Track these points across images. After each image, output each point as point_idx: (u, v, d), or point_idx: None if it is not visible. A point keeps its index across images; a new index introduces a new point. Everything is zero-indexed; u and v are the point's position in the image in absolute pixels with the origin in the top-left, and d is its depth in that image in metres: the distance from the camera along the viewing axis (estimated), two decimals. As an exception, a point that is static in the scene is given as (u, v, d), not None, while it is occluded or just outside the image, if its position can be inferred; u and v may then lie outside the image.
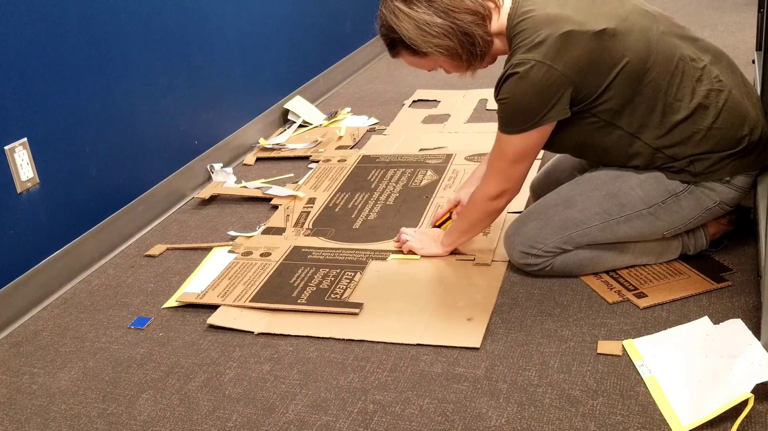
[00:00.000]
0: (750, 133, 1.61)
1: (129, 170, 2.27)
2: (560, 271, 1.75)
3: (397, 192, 2.30)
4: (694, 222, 1.68)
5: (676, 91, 1.59)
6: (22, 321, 1.88)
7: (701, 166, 1.61)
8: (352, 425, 1.39)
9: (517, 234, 1.76)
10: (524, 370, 1.48)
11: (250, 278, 1.90)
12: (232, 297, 1.82)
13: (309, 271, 1.91)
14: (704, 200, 1.64)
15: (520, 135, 1.61)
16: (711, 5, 4.02)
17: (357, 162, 2.55)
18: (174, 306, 1.86)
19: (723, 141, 1.60)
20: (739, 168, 1.62)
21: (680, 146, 1.60)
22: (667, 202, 1.65)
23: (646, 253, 1.75)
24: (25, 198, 1.91)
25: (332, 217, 2.20)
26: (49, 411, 1.54)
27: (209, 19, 2.63)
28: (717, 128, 1.59)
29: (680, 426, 1.29)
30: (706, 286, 1.67)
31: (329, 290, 1.81)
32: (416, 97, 3.22)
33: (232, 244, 2.10)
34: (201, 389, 1.55)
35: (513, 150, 1.64)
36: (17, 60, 1.86)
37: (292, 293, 1.82)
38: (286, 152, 2.75)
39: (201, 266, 2.02)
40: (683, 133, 1.59)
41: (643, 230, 1.69)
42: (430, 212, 2.14)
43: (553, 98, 1.56)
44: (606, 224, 1.68)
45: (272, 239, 2.10)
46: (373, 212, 2.19)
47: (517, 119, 1.60)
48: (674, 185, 1.63)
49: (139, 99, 2.29)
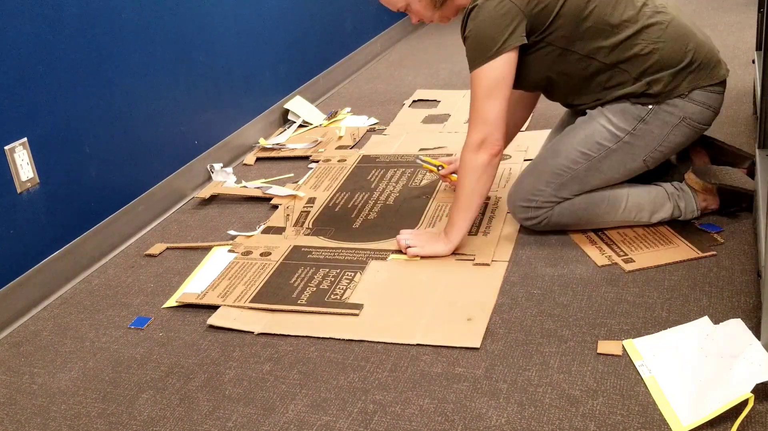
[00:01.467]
0: (695, 49, 1.77)
1: (129, 170, 2.27)
2: (558, 223, 1.89)
3: (397, 192, 2.30)
4: (669, 143, 1.82)
5: (622, 14, 1.76)
6: (22, 321, 1.88)
7: (658, 86, 1.77)
8: (352, 425, 1.40)
9: (516, 191, 1.92)
10: (524, 370, 1.48)
11: (250, 279, 1.90)
12: (233, 298, 1.82)
13: (309, 271, 1.91)
14: (669, 118, 1.79)
15: (486, 66, 1.74)
16: (711, 5, 4.02)
17: (357, 162, 2.55)
18: (174, 306, 1.86)
19: (669, 55, 1.76)
20: (694, 82, 1.77)
21: (631, 62, 1.77)
22: (637, 128, 1.80)
23: (638, 208, 1.87)
24: (25, 198, 1.91)
25: (332, 216, 2.20)
26: (49, 411, 1.54)
27: (209, 19, 2.63)
28: (662, 42, 1.76)
29: (680, 426, 1.29)
30: (692, 254, 1.78)
31: (329, 291, 1.81)
32: (416, 97, 3.22)
33: (232, 243, 2.10)
34: (201, 389, 1.55)
35: (483, 85, 1.76)
36: (17, 60, 1.86)
37: (293, 293, 1.82)
38: (286, 151, 2.75)
39: (201, 265, 2.02)
40: (631, 48, 1.76)
41: (626, 162, 1.84)
42: (430, 212, 2.14)
43: (509, 26, 1.73)
44: (590, 164, 1.83)
45: (272, 238, 2.10)
46: (373, 212, 2.19)
47: (481, 49, 1.75)
48: (638, 110, 1.79)
49: (139, 99, 2.30)
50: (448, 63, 3.72)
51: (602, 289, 1.71)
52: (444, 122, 2.88)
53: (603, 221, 1.90)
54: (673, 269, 1.74)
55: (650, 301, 1.64)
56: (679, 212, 1.89)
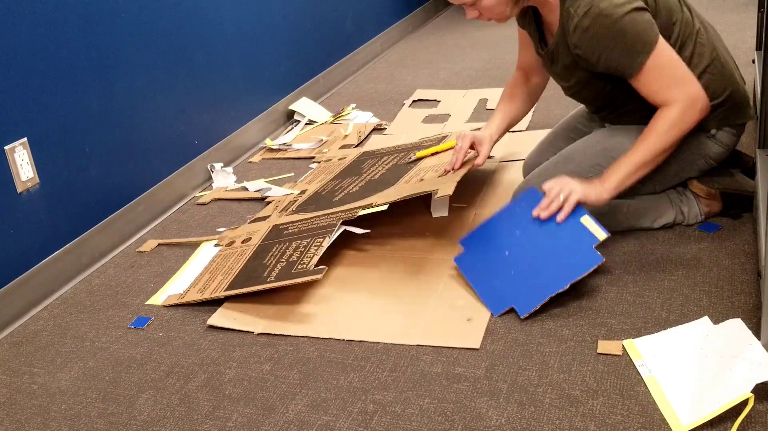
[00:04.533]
0: (733, 88, 1.78)
1: (129, 170, 2.27)
2: None
3: (385, 170, 2.25)
4: (682, 175, 1.84)
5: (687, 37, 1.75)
6: (22, 321, 1.88)
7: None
8: (352, 425, 1.40)
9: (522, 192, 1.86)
10: (524, 370, 1.48)
11: (229, 267, 1.89)
12: (210, 290, 1.82)
13: (282, 246, 1.88)
14: (690, 154, 1.80)
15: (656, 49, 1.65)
16: (711, 5, 4.02)
17: (356, 157, 2.53)
18: (162, 305, 1.86)
19: (711, 88, 1.74)
20: (725, 120, 1.79)
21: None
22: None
23: (641, 213, 1.86)
24: (25, 198, 1.91)
25: (317, 198, 2.19)
26: (49, 410, 1.54)
27: (209, 19, 2.63)
28: (708, 73, 1.75)
29: (680, 425, 1.29)
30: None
31: (297, 262, 1.77)
32: (416, 96, 3.22)
33: (218, 237, 2.11)
34: (201, 389, 1.55)
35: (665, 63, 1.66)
36: (17, 60, 1.86)
37: (263, 272, 1.80)
38: (292, 152, 2.75)
39: (187, 263, 2.03)
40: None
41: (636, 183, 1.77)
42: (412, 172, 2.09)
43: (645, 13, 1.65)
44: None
45: (256, 225, 2.11)
46: (357, 187, 2.17)
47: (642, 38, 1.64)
48: None
49: (139, 99, 2.30)
50: (448, 63, 3.72)
51: (602, 289, 1.71)
52: (444, 122, 2.88)
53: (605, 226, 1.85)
54: (673, 269, 1.74)
55: (650, 301, 1.64)
56: (682, 217, 1.88)
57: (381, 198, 1.92)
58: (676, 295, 1.65)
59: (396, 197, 1.88)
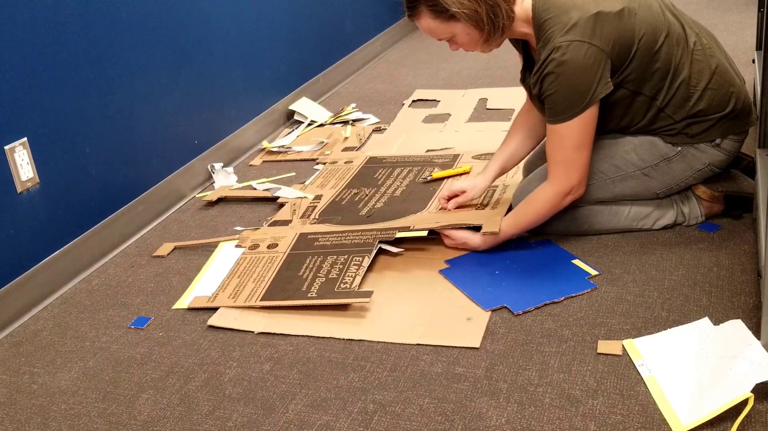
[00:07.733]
0: (737, 97, 1.78)
1: (129, 170, 2.27)
2: (560, 228, 1.88)
3: (404, 186, 2.29)
4: (686, 182, 1.85)
5: (680, 57, 1.74)
6: (22, 321, 1.88)
7: (697, 128, 1.77)
8: (352, 425, 1.40)
9: (523, 193, 1.87)
10: (524, 370, 1.48)
11: (260, 274, 1.88)
12: (243, 297, 1.81)
13: (317, 260, 1.89)
14: (694, 162, 1.81)
15: (576, 119, 1.68)
16: (711, 5, 4.02)
17: (364, 163, 2.54)
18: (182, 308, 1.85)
19: (715, 102, 1.76)
20: (729, 130, 1.79)
21: (680, 106, 1.75)
22: (660, 165, 1.81)
23: (642, 217, 1.86)
24: (25, 198, 1.91)
25: (339, 208, 2.20)
26: (49, 410, 1.54)
27: (209, 19, 2.63)
28: (710, 89, 1.75)
29: (680, 425, 1.29)
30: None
31: (339, 280, 1.79)
32: (416, 96, 3.22)
33: (239, 238, 2.10)
34: (201, 389, 1.55)
35: (575, 136, 1.70)
36: (17, 60, 1.86)
37: (302, 286, 1.80)
38: (293, 154, 2.74)
39: (208, 263, 2.01)
40: (684, 92, 1.75)
41: (637, 189, 1.84)
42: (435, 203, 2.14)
43: (597, 73, 1.66)
44: (602, 183, 1.83)
45: (279, 229, 2.10)
46: (380, 203, 2.19)
47: (571, 103, 1.67)
48: (667, 149, 1.80)
49: (139, 99, 2.30)
50: (448, 63, 3.72)
51: (602, 289, 1.71)
52: (444, 122, 2.88)
53: (605, 228, 1.88)
54: (673, 269, 1.74)
55: (650, 301, 1.64)
56: (683, 217, 1.89)
57: (419, 223, 1.95)
58: (676, 295, 1.65)
59: (435, 224, 1.91)
